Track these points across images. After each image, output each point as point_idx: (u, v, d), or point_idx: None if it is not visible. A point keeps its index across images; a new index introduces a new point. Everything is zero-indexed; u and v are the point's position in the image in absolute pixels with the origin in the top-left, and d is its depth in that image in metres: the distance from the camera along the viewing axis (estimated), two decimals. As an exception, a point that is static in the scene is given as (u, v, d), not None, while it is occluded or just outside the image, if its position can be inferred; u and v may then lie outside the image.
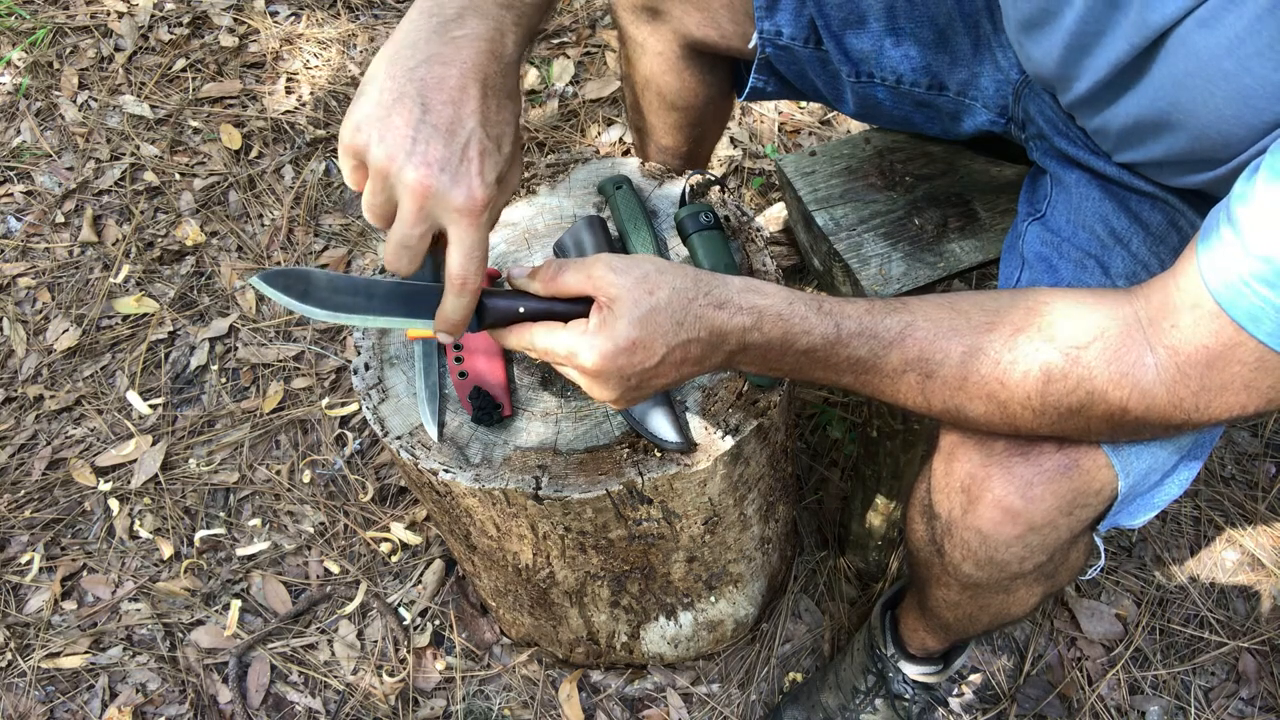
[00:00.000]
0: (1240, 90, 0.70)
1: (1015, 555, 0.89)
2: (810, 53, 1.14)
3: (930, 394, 0.79)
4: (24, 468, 1.79)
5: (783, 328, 0.76)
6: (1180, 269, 0.72)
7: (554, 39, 2.35)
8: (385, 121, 0.69)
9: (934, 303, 0.80)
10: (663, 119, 1.35)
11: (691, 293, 0.74)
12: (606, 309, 0.73)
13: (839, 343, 0.77)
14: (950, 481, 0.90)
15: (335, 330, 1.93)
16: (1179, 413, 0.74)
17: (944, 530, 0.93)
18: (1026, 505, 0.84)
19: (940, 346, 0.77)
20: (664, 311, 0.73)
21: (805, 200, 1.24)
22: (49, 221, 2.11)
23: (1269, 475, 1.67)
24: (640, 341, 0.72)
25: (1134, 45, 0.77)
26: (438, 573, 1.63)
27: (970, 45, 1.08)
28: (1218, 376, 0.70)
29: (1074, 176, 1.00)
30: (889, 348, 0.78)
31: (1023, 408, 0.77)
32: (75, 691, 1.56)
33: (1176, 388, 0.72)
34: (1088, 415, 0.76)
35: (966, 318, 0.78)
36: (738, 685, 1.52)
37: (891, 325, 0.78)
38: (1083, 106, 0.91)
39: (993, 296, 0.80)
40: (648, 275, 0.73)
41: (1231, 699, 1.48)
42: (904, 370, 0.78)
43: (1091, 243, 0.96)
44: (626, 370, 0.73)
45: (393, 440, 1.03)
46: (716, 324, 0.75)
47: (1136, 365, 0.73)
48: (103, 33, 2.40)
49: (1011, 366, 0.76)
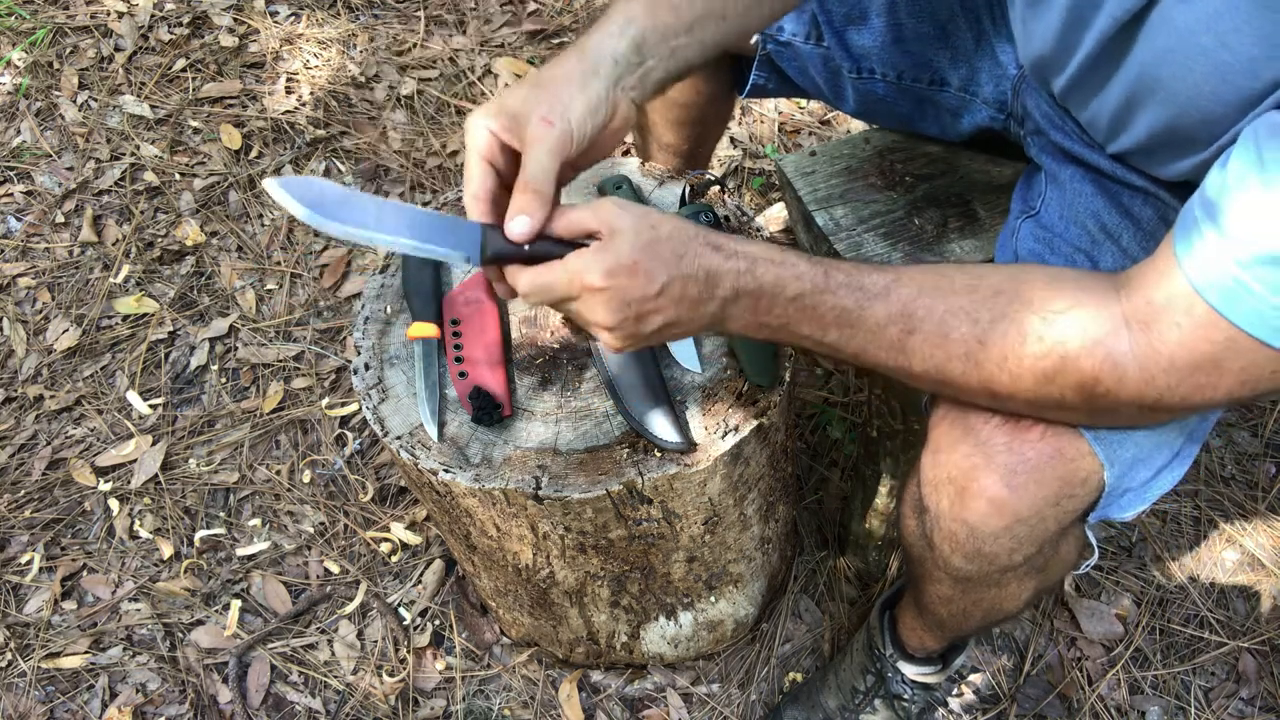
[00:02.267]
0: (1218, 65, 0.71)
1: (1004, 547, 0.90)
2: (812, 49, 1.14)
3: (911, 350, 0.81)
4: (24, 468, 1.79)
5: (774, 272, 0.79)
6: (1159, 252, 0.73)
7: (554, 39, 2.35)
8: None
9: (919, 268, 0.83)
10: (664, 116, 1.35)
11: (691, 232, 0.78)
12: (608, 238, 0.76)
13: (826, 290, 0.80)
14: (937, 474, 0.91)
15: (335, 330, 1.93)
16: (1151, 389, 0.74)
17: (933, 523, 0.94)
18: (1012, 495, 0.85)
19: (923, 303, 0.79)
20: (665, 243, 0.76)
21: (805, 200, 1.24)
22: (49, 221, 2.11)
23: (1269, 475, 1.67)
24: (642, 265, 0.75)
25: (1116, 19, 0.78)
26: (438, 573, 1.63)
27: (972, 41, 1.08)
28: (1188, 355, 0.71)
29: (1069, 173, 1.01)
30: (874, 299, 0.80)
31: (998, 368, 0.79)
32: (75, 691, 1.56)
33: (1148, 364, 0.73)
34: (1061, 384, 0.77)
35: (950, 280, 0.80)
36: (738, 685, 1.52)
37: (877, 280, 0.81)
38: (1075, 92, 0.92)
39: (977, 265, 0.84)
40: (649, 213, 0.78)
41: (1231, 699, 1.48)
42: (887, 324, 0.80)
43: (1083, 238, 0.96)
44: (628, 293, 0.76)
45: (393, 440, 1.03)
46: (712, 266, 0.78)
47: (1110, 336, 0.74)
48: (103, 33, 2.40)
49: (990, 326, 0.78)
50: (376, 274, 1.18)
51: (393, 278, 1.17)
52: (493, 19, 2.39)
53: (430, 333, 1.07)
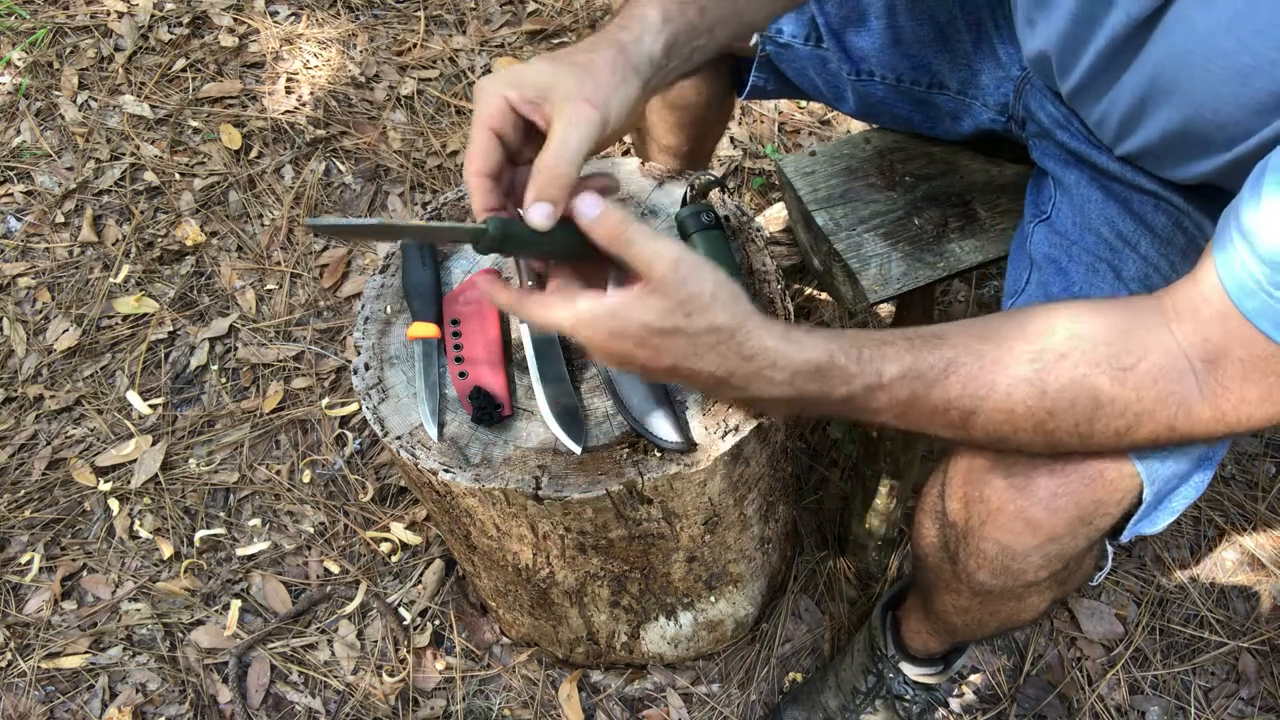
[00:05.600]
0: (1238, 69, 0.70)
1: (1033, 565, 0.88)
2: (811, 51, 1.14)
3: (973, 427, 0.77)
4: (24, 468, 1.79)
5: (818, 382, 0.74)
6: (1201, 277, 0.71)
7: (554, 39, 2.35)
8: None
9: (973, 333, 0.77)
10: (663, 118, 1.35)
11: (723, 335, 0.71)
12: (646, 293, 0.70)
13: (880, 388, 0.75)
14: (969, 491, 0.89)
15: (335, 330, 1.93)
16: (1222, 425, 0.73)
17: (959, 538, 0.92)
18: (1050, 517, 0.83)
19: (985, 381, 0.75)
20: (681, 337, 0.71)
21: (805, 200, 1.23)
22: (49, 221, 2.11)
23: (1269, 475, 1.67)
24: (656, 344, 0.71)
25: (1132, 16, 0.76)
26: (438, 573, 1.62)
27: (971, 43, 1.08)
28: (1255, 388, 0.70)
29: (1074, 177, 1.00)
30: (932, 386, 0.75)
31: (1069, 434, 0.76)
32: (75, 691, 1.56)
33: (1219, 401, 0.72)
34: (1133, 437, 0.75)
35: (1010, 349, 0.75)
36: (738, 685, 1.52)
37: (935, 363, 0.75)
38: (1084, 93, 0.91)
39: (1029, 317, 0.77)
40: (700, 297, 0.70)
41: (1231, 699, 1.48)
42: (947, 407, 0.76)
43: (1100, 246, 0.95)
44: (631, 360, 0.72)
45: (393, 440, 1.03)
46: (738, 369, 0.72)
47: (1181, 383, 0.72)
48: (103, 33, 2.39)
49: (1059, 395, 0.74)
50: (376, 274, 1.18)
51: (393, 278, 1.17)
52: (493, 19, 2.39)
53: (430, 333, 1.07)
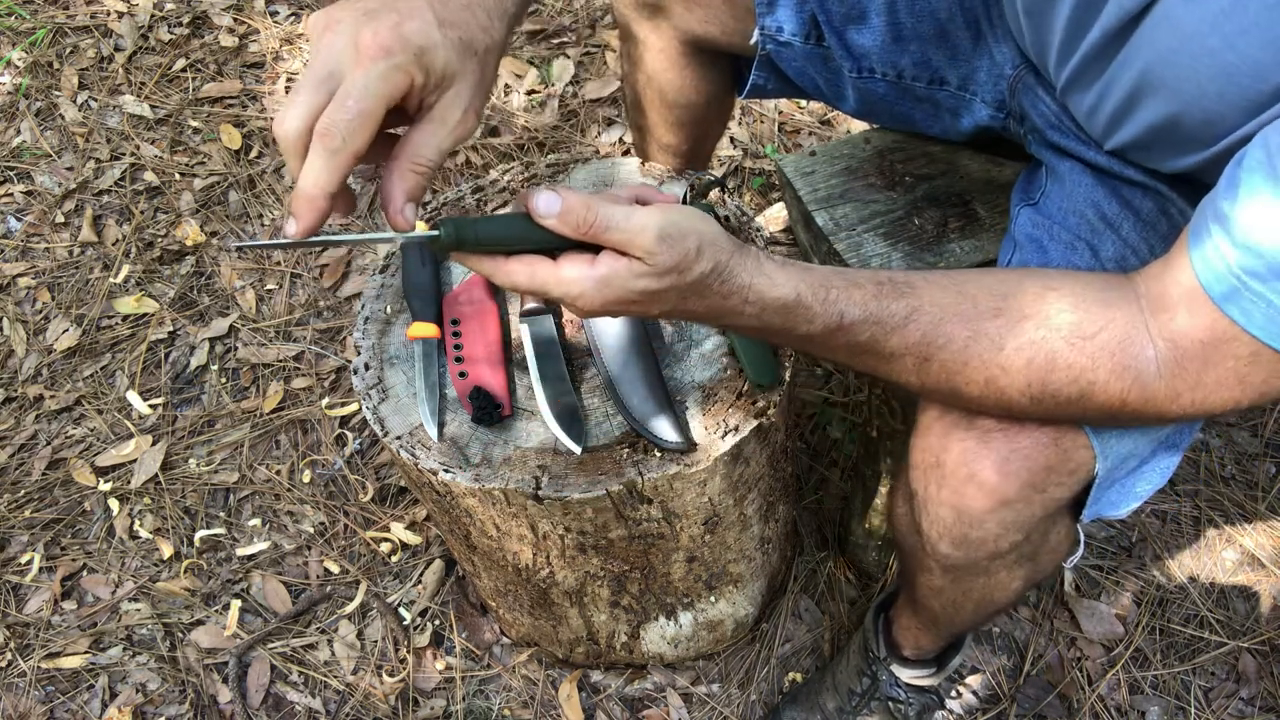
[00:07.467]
0: (1224, 67, 0.70)
1: (990, 532, 0.89)
2: (811, 49, 1.14)
3: (926, 375, 0.80)
4: (24, 468, 1.79)
5: (783, 318, 0.76)
6: (1174, 261, 0.72)
7: (554, 39, 2.35)
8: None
9: (941, 284, 0.79)
10: (664, 117, 1.35)
11: (710, 278, 0.73)
12: (638, 265, 0.70)
13: (840, 330, 0.77)
14: (926, 458, 0.91)
15: (335, 330, 1.93)
16: (1175, 406, 0.74)
17: (921, 507, 0.94)
18: (1001, 481, 0.85)
19: (944, 330, 0.77)
20: (674, 292, 0.72)
21: (805, 200, 1.23)
22: (49, 221, 2.11)
23: (1269, 475, 1.67)
24: (648, 298, 0.71)
25: (1126, 10, 0.77)
26: (438, 573, 1.62)
27: (970, 40, 1.08)
28: (1213, 372, 0.71)
29: (1067, 165, 1.01)
30: (891, 333, 0.77)
31: (1020, 394, 0.78)
32: (75, 691, 1.56)
33: (1175, 381, 0.73)
34: (1084, 405, 0.77)
35: (974, 302, 0.77)
36: (738, 685, 1.52)
37: (897, 310, 0.77)
38: (1075, 87, 0.91)
39: (1000, 279, 0.79)
40: (688, 255, 0.71)
41: (1231, 699, 1.48)
42: (903, 354, 0.78)
43: (1082, 226, 0.96)
44: (627, 308, 0.72)
45: (393, 440, 1.03)
46: (717, 305, 0.75)
47: (1139, 358, 0.73)
48: (103, 33, 2.40)
49: (1015, 353, 0.76)
50: (376, 274, 1.18)
51: (393, 278, 1.17)
52: (493, 19, 2.39)
53: (430, 333, 1.07)
